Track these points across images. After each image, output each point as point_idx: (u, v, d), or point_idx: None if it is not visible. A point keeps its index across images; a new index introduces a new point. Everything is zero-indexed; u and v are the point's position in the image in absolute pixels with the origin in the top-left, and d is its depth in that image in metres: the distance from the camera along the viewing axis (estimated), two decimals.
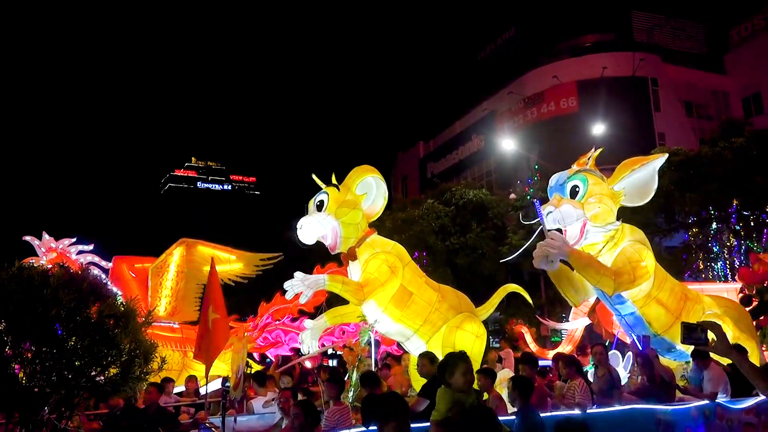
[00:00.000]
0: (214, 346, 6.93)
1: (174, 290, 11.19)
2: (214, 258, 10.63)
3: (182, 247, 11.35)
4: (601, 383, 7.26)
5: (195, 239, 11.62)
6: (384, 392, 7.39)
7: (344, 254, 7.63)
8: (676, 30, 33.44)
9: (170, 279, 11.23)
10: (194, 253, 11.37)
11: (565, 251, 6.85)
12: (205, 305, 7.20)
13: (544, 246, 6.84)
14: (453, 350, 7.30)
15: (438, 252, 24.23)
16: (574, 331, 11.75)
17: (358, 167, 7.88)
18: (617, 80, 29.47)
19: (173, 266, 11.30)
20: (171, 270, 11.29)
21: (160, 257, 11.44)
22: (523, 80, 33.21)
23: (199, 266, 11.36)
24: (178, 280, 11.25)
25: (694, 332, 2.56)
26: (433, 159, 41.60)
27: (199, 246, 11.49)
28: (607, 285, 7.09)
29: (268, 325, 12.69)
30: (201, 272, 11.26)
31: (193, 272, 11.35)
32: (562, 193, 7.40)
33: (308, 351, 7.75)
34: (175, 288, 11.21)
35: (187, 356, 10.33)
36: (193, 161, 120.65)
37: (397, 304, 7.44)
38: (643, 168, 7.49)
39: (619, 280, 7.07)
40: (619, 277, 7.07)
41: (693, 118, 31.26)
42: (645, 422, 6.29)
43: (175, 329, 10.99)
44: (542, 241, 6.93)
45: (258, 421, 7.28)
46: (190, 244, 11.41)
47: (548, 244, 6.84)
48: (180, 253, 11.32)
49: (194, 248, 11.42)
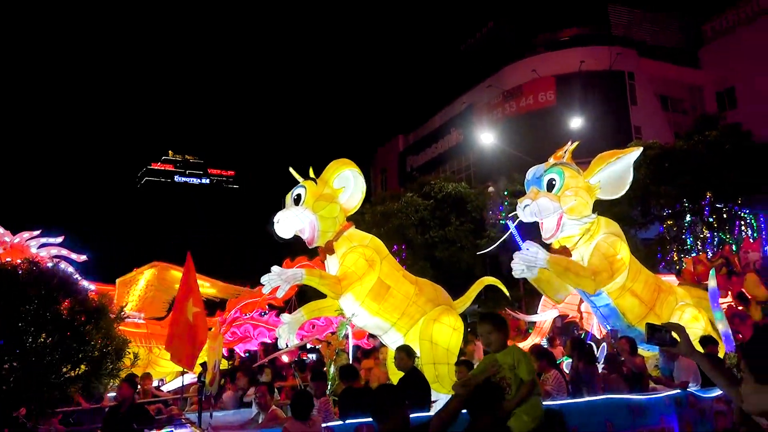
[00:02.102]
0: (199, 340, 6.88)
1: (141, 298, 11.18)
2: None
3: (154, 269, 11.45)
4: (573, 374, 7.35)
5: (168, 264, 11.63)
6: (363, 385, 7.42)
7: (322, 248, 7.60)
8: (653, 24, 33.80)
9: (139, 289, 11.25)
10: (166, 276, 11.43)
11: (542, 260, 6.89)
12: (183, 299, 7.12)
13: (521, 257, 6.88)
14: (431, 343, 7.35)
15: (417, 245, 24.28)
16: (543, 323, 11.87)
17: (335, 161, 7.85)
18: (595, 74, 29.73)
19: (143, 281, 11.33)
20: (140, 283, 11.32)
21: (129, 273, 11.40)
22: (502, 74, 33.34)
23: (170, 284, 11.37)
24: (147, 290, 11.30)
25: (658, 333, 2.59)
26: (413, 152, 41.63)
27: (172, 270, 11.49)
28: (587, 286, 7.19)
29: (236, 319, 12.45)
30: (172, 288, 11.23)
31: (164, 287, 11.42)
32: (539, 186, 7.44)
33: (285, 345, 7.72)
34: (143, 296, 11.21)
35: (152, 352, 10.24)
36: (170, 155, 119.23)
37: (374, 298, 7.44)
38: (618, 161, 7.56)
39: (598, 278, 7.16)
40: (598, 275, 7.15)
41: (668, 112, 31.67)
42: (619, 411, 6.38)
43: (140, 324, 10.86)
44: (519, 252, 6.96)
45: (234, 416, 7.24)
46: (162, 267, 11.48)
47: (525, 255, 6.89)
48: (152, 272, 11.40)
49: (166, 272, 11.49)
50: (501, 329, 4.82)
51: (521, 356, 4.66)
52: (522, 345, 11.47)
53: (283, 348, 8.63)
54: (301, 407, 5.52)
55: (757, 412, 1.88)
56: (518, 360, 4.61)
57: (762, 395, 1.81)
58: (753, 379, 1.85)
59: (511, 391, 4.41)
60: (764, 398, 1.80)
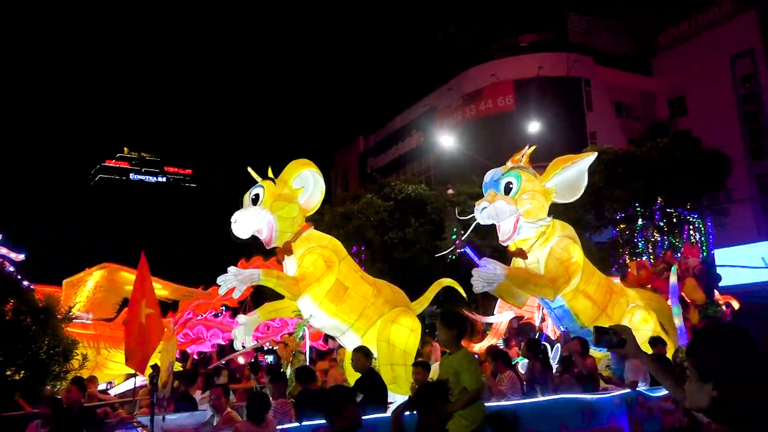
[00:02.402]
0: (150, 341, 6.73)
1: (90, 299, 10.81)
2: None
3: (104, 271, 11.11)
4: (529, 375, 7.47)
5: (118, 266, 11.32)
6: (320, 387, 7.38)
7: (280, 249, 7.54)
8: (608, 33, 34.62)
9: (87, 290, 10.88)
10: (116, 277, 11.12)
11: (501, 276, 6.99)
12: (136, 301, 6.97)
13: (481, 274, 6.96)
14: (388, 344, 7.37)
15: (376, 246, 24.29)
16: (499, 324, 12.04)
17: (295, 161, 7.80)
18: (552, 80, 30.27)
19: (91, 282, 10.98)
20: (89, 284, 10.96)
21: (77, 275, 11.07)
22: (463, 77, 33.65)
23: (120, 286, 11.08)
24: (95, 291, 10.95)
25: (606, 335, 2.66)
26: (373, 154, 41.65)
27: (122, 272, 11.19)
28: (547, 294, 7.36)
29: (189, 320, 12.25)
30: (122, 290, 10.98)
31: (113, 288, 11.10)
32: (496, 189, 7.55)
33: (242, 347, 7.62)
34: (91, 297, 10.85)
35: (101, 354, 9.96)
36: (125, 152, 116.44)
37: (332, 299, 7.42)
38: (573, 166, 7.72)
39: (556, 285, 7.32)
40: (555, 282, 7.31)
41: (622, 118, 32.46)
42: (572, 411, 6.51)
43: (88, 325, 10.46)
44: (477, 269, 7.03)
45: (188, 418, 7.10)
46: (112, 269, 11.15)
47: (484, 271, 6.97)
48: (101, 274, 11.06)
49: (116, 273, 11.16)
50: (450, 327, 4.85)
51: (467, 364, 4.73)
52: (478, 346, 11.62)
53: (240, 349, 8.51)
54: (256, 409, 5.46)
55: (696, 408, 1.98)
56: (463, 367, 4.68)
57: (702, 393, 1.90)
58: (696, 377, 1.94)
59: (452, 396, 4.43)
60: (704, 395, 1.89)
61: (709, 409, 1.90)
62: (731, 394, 1.83)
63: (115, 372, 10.91)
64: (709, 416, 1.93)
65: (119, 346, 10.70)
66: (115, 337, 10.77)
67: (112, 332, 10.89)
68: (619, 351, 2.65)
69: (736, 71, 28.50)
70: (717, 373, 1.87)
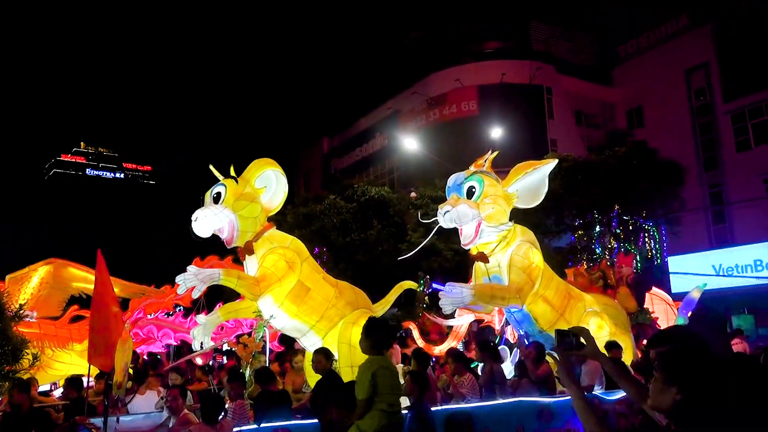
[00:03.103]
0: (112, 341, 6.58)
1: (34, 296, 10.28)
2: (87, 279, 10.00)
3: (50, 266, 10.53)
4: (487, 378, 7.54)
5: (66, 261, 10.83)
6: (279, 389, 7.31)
7: (241, 248, 7.45)
8: (570, 42, 35.32)
9: (32, 287, 10.35)
10: (63, 273, 10.62)
11: (468, 297, 7.11)
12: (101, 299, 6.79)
13: (449, 298, 7.06)
14: (349, 346, 7.35)
15: (338, 248, 24.25)
16: (460, 327, 12.16)
17: (258, 160, 7.73)
18: (515, 87, 30.71)
19: (36, 278, 10.45)
20: (33, 280, 10.43)
21: (20, 270, 10.62)
22: (427, 81, 33.87)
23: (68, 282, 10.59)
24: (41, 288, 10.41)
25: (567, 338, 2.72)
26: (337, 155, 41.57)
27: (70, 268, 10.72)
28: (515, 303, 7.51)
29: (139, 320, 11.92)
30: (70, 287, 10.55)
31: (60, 285, 10.57)
32: (459, 193, 7.62)
33: (199, 347, 7.50)
34: (36, 295, 10.31)
35: (45, 353, 9.56)
36: (82, 146, 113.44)
37: (293, 300, 7.37)
38: (535, 171, 7.84)
39: (522, 294, 7.46)
40: (521, 291, 7.44)
41: (582, 127, 33.14)
42: (530, 413, 6.61)
43: (32, 324, 9.90)
44: (444, 293, 7.16)
45: (144, 420, 6.95)
46: (59, 264, 10.60)
47: (451, 295, 7.07)
48: (47, 270, 10.52)
49: (63, 269, 10.65)
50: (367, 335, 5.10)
51: (361, 374, 4.91)
52: (439, 348, 11.70)
53: (198, 350, 8.38)
54: (209, 410, 5.38)
55: (658, 409, 2.03)
56: (357, 377, 4.92)
57: (666, 394, 1.95)
58: (662, 379, 1.99)
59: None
60: (667, 397, 1.95)
61: (670, 411, 1.96)
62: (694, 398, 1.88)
63: (59, 373, 10.52)
64: (669, 418, 1.98)
65: (65, 346, 10.35)
66: (60, 336, 10.38)
67: (58, 331, 10.47)
68: (579, 352, 2.71)
69: (691, 84, 29.41)
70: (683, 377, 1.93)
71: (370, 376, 4.76)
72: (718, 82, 28.09)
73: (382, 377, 4.78)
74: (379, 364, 4.88)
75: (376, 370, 4.79)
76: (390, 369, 4.99)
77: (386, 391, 4.77)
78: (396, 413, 4.85)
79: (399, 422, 4.86)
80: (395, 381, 4.97)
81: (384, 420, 4.70)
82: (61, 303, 10.72)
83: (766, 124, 25.99)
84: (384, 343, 5.16)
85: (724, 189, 27.50)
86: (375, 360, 4.92)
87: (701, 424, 1.86)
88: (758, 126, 26.27)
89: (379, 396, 4.74)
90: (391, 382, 4.87)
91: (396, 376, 5.07)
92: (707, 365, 1.92)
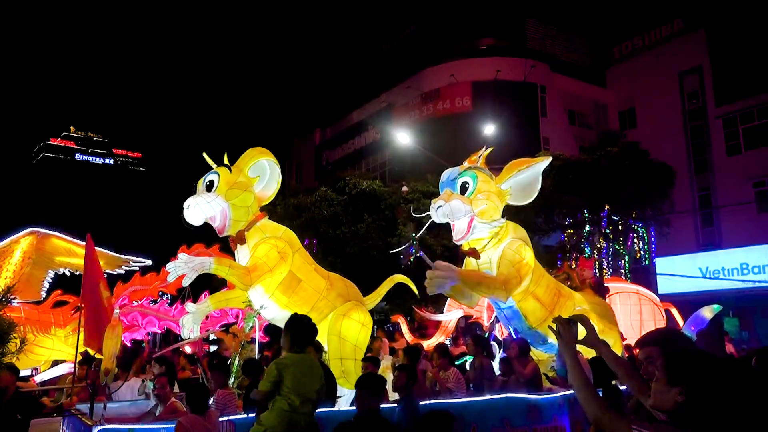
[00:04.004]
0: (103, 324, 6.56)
1: (17, 273, 9.97)
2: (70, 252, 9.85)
3: (32, 237, 10.25)
4: (476, 373, 7.57)
5: (48, 231, 10.54)
6: None
7: (233, 237, 7.41)
8: (565, 42, 35.40)
9: (14, 263, 10.04)
10: (45, 244, 10.34)
11: (454, 277, 7.04)
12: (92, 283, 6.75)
13: (434, 276, 7.00)
14: (339, 338, 7.35)
15: (328, 240, 24.22)
16: (448, 322, 12.19)
17: (252, 149, 7.67)
18: (509, 84, 30.76)
19: (19, 252, 10.17)
20: (16, 255, 10.13)
21: (3, 242, 10.31)
22: (422, 76, 33.84)
23: (50, 256, 10.34)
24: (23, 264, 10.11)
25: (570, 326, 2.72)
26: (329, 147, 41.48)
27: (53, 238, 10.47)
28: (500, 295, 7.43)
29: (124, 306, 11.76)
30: (52, 261, 10.31)
31: (42, 260, 10.29)
32: (452, 188, 7.61)
33: (189, 336, 7.48)
34: (18, 272, 10.00)
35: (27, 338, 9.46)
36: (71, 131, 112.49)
37: (284, 291, 7.34)
38: (529, 169, 7.83)
39: (508, 287, 7.40)
40: (508, 284, 7.39)
41: (575, 126, 33.27)
42: (517, 409, 6.64)
43: (15, 308, 9.62)
44: (431, 271, 7.07)
45: (130, 407, 6.93)
46: (41, 235, 10.32)
47: (437, 274, 7.00)
48: (28, 242, 10.23)
49: (46, 239, 10.38)
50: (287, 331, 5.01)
51: (269, 367, 4.89)
52: (427, 343, 11.72)
53: (186, 338, 8.35)
54: (195, 399, 5.35)
55: (658, 408, 2.05)
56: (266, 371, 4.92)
57: (668, 395, 1.96)
58: (666, 379, 2.00)
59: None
60: (669, 398, 1.96)
61: (671, 412, 1.97)
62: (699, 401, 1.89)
63: (41, 357, 10.42)
64: (671, 418, 1.99)
65: (47, 331, 10.25)
66: (43, 321, 10.26)
67: (40, 316, 10.34)
68: (579, 340, 2.72)
69: (684, 87, 29.59)
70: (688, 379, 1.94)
71: (276, 372, 4.68)
72: (711, 86, 28.28)
73: (290, 376, 4.65)
74: (292, 361, 4.76)
75: (285, 367, 4.70)
76: (304, 370, 4.77)
77: (290, 392, 4.65)
78: (299, 414, 4.66)
79: (298, 423, 4.66)
80: (306, 383, 4.74)
81: (282, 419, 4.61)
82: (41, 284, 10.52)
83: (756, 129, 26.22)
84: (304, 338, 5.00)
85: (713, 192, 27.74)
86: (290, 357, 4.82)
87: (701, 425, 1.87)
88: (749, 131, 26.50)
89: (282, 394, 4.66)
90: (299, 383, 4.69)
91: (312, 379, 4.81)
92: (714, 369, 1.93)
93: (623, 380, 2.75)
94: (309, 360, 4.99)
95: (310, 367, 4.87)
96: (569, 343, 2.63)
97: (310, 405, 4.77)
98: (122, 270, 11.22)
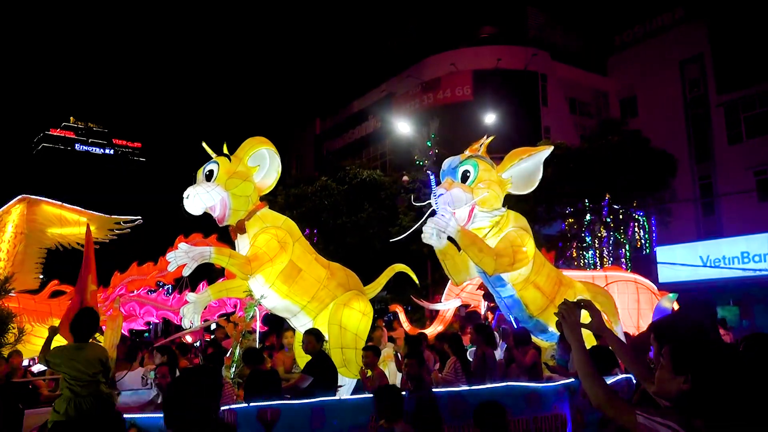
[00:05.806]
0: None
1: (11, 254, 9.68)
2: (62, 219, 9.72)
3: (22, 205, 9.88)
4: (478, 362, 7.57)
5: (38, 197, 10.14)
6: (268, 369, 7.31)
7: (233, 227, 7.40)
8: (566, 30, 35.19)
9: (6, 241, 9.73)
10: (37, 213, 9.99)
11: (452, 229, 7.02)
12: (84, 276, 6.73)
13: (435, 221, 6.99)
14: (339, 328, 7.35)
15: (329, 230, 24.23)
16: (446, 312, 12.18)
17: (251, 138, 7.64)
18: (510, 73, 30.61)
19: (10, 227, 9.79)
20: (8, 231, 9.78)
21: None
22: (422, 65, 33.68)
23: (42, 227, 10.03)
24: (16, 242, 9.77)
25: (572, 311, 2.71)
26: (329, 137, 41.37)
27: (43, 205, 10.09)
28: (487, 264, 7.33)
29: (121, 296, 11.69)
30: (44, 234, 10.03)
31: (34, 234, 9.98)
32: (453, 176, 7.57)
33: (189, 325, 7.48)
34: (12, 251, 9.70)
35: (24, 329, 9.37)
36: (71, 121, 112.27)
37: (285, 280, 7.34)
38: (530, 158, 7.79)
39: (499, 260, 7.32)
40: (499, 258, 7.32)
41: (576, 115, 33.12)
42: (517, 398, 6.64)
43: (11, 298, 9.36)
44: (432, 218, 7.06)
45: (131, 397, 6.94)
46: (32, 201, 9.95)
47: (438, 220, 7.00)
48: (19, 211, 9.87)
49: (37, 207, 10.01)
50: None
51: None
52: (428, 331, 11.73)
53: (188, 328, 8.35)
54: None
55: (662, 395, 2.04)
56: None
57: (673, 383, 1.95)
58: (671, 367, 1.99)
59: None
60: (673, 386, 1.95)
61: (675, 399, 1.96)
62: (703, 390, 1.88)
63: (38, 348, 10.39)
64: (673, 405, 1.99)
65: (44, 321, 10.20)
66: (39, 311, 10.17)
67: (37, 306, 10.23)
68: (585, 326, 2.70)
69: (685, 76, 29.44)
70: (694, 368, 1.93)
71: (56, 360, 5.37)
72: (712, 74, 28.14)
73: (64, 364, 5.27)
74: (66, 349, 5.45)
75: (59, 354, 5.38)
76: (77, 358, 5.31)
77: (69, 379, 5.24)
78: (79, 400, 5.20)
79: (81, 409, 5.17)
80: (79, 369, 5.27)
81: (69, 404, 5.16)
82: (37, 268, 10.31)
83: (758, 117, 26.09)
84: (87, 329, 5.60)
85: (714, 181, 27.67)
86: (68, 345, 5.52)
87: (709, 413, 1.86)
88: (750, 119, 26.37)
89: (65, 381, 5.26)
90: (74, 369, 5.24)
91: (84, 366, 5.31)
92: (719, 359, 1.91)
93: (628, 367, 2.74)
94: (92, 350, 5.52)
95: (86, 357, 5.41)
96: (574, 327, 2.60)
97: (85, 392, 5.27)
98: (114, 236, 10.79)
